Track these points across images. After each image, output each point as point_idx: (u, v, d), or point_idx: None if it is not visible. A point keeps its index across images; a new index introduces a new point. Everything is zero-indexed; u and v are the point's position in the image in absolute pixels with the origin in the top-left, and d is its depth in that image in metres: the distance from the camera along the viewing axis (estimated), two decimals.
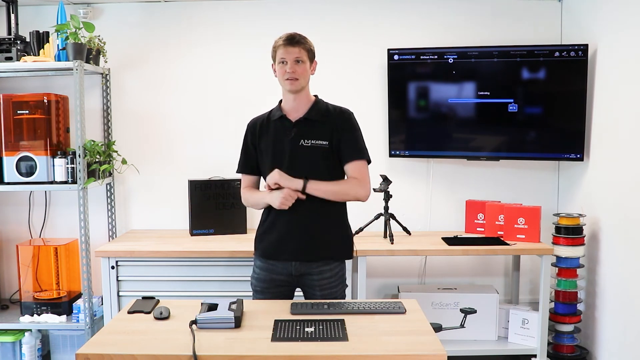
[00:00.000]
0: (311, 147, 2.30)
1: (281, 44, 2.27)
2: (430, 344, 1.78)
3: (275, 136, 2.34)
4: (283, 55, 2.26)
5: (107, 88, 3.54)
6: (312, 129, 2.31)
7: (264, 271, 2.38)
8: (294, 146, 2.30)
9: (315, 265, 2.33)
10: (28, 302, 3.26)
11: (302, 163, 2.29)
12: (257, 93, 3.58)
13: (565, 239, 3.12)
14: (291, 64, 2.25)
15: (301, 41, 2.28)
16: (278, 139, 2.33)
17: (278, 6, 3.53)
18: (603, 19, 3.09)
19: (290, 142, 2.30)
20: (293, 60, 2.25)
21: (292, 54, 2.25)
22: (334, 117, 2.35)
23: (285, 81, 2.28)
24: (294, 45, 2.26)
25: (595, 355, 3.14)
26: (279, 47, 2.28)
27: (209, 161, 3.56)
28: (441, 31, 3.52)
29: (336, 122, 2.34)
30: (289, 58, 2.25)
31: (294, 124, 2.32)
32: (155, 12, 3.55)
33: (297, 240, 2.32)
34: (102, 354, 1.71)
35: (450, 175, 3.62)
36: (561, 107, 3.29)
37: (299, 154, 2.29)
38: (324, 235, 2.35)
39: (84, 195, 3.14)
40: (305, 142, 2.30)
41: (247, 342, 1.79)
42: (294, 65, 2.25)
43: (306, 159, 2.30)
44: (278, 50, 2.28)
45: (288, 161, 2.29)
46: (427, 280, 3.66)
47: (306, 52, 2.28)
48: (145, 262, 3.10)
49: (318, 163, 2.30)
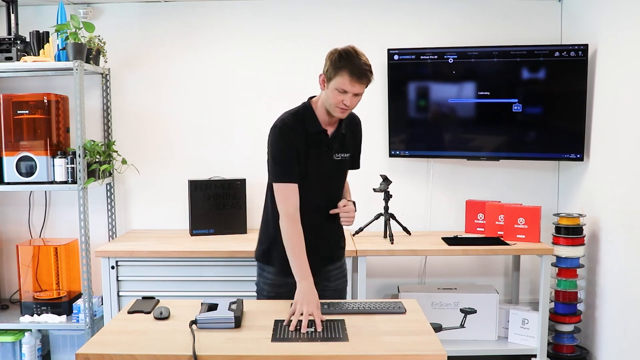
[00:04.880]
0: (341, 160, 2.27)
1: (347, 73, 2.03)
2: (430, 344, 1.78)
3: (313, 150, 2.19)
4: (346, 87, 2.04)
5: (107, 88, 3.54)
6: (342, 142, 2.27)
7: (277, 276, 2.27)
8: (330, 161, 2.24)
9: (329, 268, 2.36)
10: (28, 302, 3.26)
11: (336, 177, 2.29)
12: (257, 93, 3.58)
13: (565, 239, 3.12)
14: (351, 97, 2.07)
15: (369, 75, 2.06)
16: (315, 152, 2.20)
17: (279, 6, 3.53)
18: (603, 19, 3.09)
19: (328, 158, 2.23)
20: (353, 94, 2.07)
21: (356, 89, 2.06)
22: (353, 126, 2.33)
23: (336, 108, 2.10)
24: (362, 82, 2.05)
25: (595, 355, 3.14)
26: (342, 73, 2.04)
27: (209, 161, 3.56)
28: (441, 31, 3.52)
29: (354, 132, 2.34)
30: (351, 91, 2.06)
31: (331, 139, 2.22)
32: (155, 12, 3.55)
33: (321, 259, 2.28)
34: (102, 354, 1.71)
35: (450, 175, 3.62)
36: (561, 107, 3.29)
37: (334, 168, 2.26)
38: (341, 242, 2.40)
39: (84, 195, 3.14)
40: (336, 157, 2.25)
41: (247, 342, 1.79)
42: (353, 99, 2.08)
43: (339, 173, 2.30)
44: (340, 77, 2.04)
45: (326, 176, 2.24)
46: (427, 280, 3.66)
47: (368, 84, 2.10)
48: (145, 262, 3.10)
49: (344, 174, 2.34)
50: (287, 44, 3.55)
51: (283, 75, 3.55)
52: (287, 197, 2.14)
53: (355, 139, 2.35)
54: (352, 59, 2.04)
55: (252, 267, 2.43)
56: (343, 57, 2.05)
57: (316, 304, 1.98)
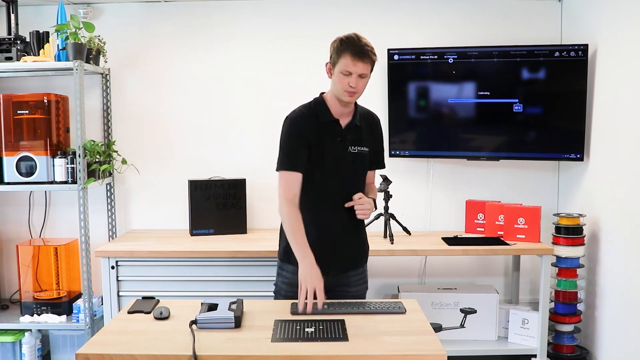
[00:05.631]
0: (358, 153, 2.26)
1: (349, 54, 2.09)
2: (430, 344, 1.78)
3: (326, 140, 2.21)
4: (349, 68, 2.09)
5: (107, 88, 3.54)
6: (359, 135, 2.27)
7: (297, 275, 2.16)
8: (345, 153, 2.24)
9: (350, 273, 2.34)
10: (28, 302, 3.26)
11: (353, 170, 2.27)
12: (258, 93, 3.58)
13: (565, 239, 3.12)
14: (356, 78, 2.11)
15: (370, 55, 2.11)
16: (329, 143, 2.21)
17: (279, 6, 3.53)
18: (603, 19, 3.08)
19: (342, 149, 2.23)
20: (358, 75, 2.11)
21: (358, 69, 2.10)
22: (371, 122, 2.34)
23: (344, 92, 2.13)
24: (364, 61, 2.09)
25: (595, 355, 3.14)
26: (344, 54, 2.10)
27: (209, 161, 3.57)
28: (441, 31, 3.52)
29: (372, 128, 2.34)
30: (354, 72, 2.10)
31: (344, 130, 2.23)
32: (155, 12, 3.55)
33: (341, 255, 2.28)
34: (102, 354, 1.71)
35: (450, 175, 3.62)
36: (561, 107, 3.29)
37: (350, 160, 2.25)
38: (362, 242, 2.39)
39: (84, 195, 3.14)
40: (353, 149, 2.25)
41: (247, 342, 1.79)
42: (358, 80, 2.11)
43: (356, 166, 2.27)
44: (343, 58, 2.10)
45: (342, 169, 2.24)
46: (427, 280, 3.66)
47: (372, 65, 2.14)
48: (145, 262, 3.10)
49: (363, 169, 2.32)
50: (287, 44, 3.55)
51: (283, 75, 3.55)
52: (288, 185, 2.17)
53: (374, 135, 2.35)
54: (353, 41, 2.11)
55: (252, 267, 2.44)
56: (344, 41, 2.12)
57: (319, 279, 2.04)
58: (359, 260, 2.38)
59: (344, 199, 2.24)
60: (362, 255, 2.40)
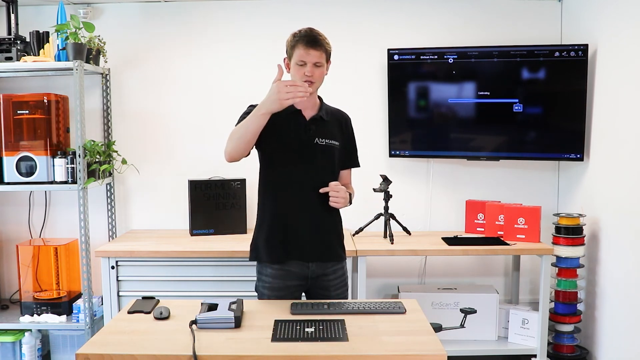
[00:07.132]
0: (326, 145, 2.27)
1: (302, 44, 2.15)
2: (430, 344, 1.78)
3: (289, 130, 2.23)
4: (302, 57, 2.15)
5: (107, 88, 3.54)
6: (326, 128, 2.28)
7: (276, 279, 2.25)
8: (310, 144, 2.25)
9: (331, 264, 2.31)
10: (28, 302, 3.26)
11: (319, 161, 2.27)
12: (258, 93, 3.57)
13: (565, 239, 3.12)
14: (310, 67, 2.16)
15: (322, 43, 2.17)
16: (292, 133, 2.24)
17: (279, 6, 3.53)
18: (603, 19, 3.09)
19: (307, 140, 2.24)
20: (312, 64, 2.16)
21: (312, 58, 2.15)
22: (340, 118, 2.36)
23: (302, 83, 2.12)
24: (315, 49, 2.15)
25: (595, 355, 3.14)
26: (298, 46, 2.16)
27: (209, 161, 3.55)
28: (441, 31, 3.52)
29: (342, 124, 2.36)
30: (308, 61, 2.15)
31: (309, 122, 2.26)
32: (155, 12, 3.55)
33: (312, 239, 2.26)
34: (102, 354, 1.71)
35: (450, 175, 3.62)
36: (561, 107, 3.30)
37: (317, 152, 2.26)
38: (336, 233, 2.36)
39: (84, 195, 3.14)
40: (320, 141, 2.26)
41: (247, 342, 1.79)
42: (313, 69, 2.16)
43: (323, 158, 2.27)
44: (297, 49, 2.16)
45: (307, 159, 2.24)
46: (427, 280, 3.66)
47: (325, 54, 2.19)
48: (145, 262, 3.10)
49: (332, 162, 2.31)
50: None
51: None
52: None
53: (345, 130, 2.36)
54: (305, 32, 2.18)
55: (252, 267, 2.43)
56: (297, 34, 2.20)
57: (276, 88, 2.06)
58: (336, 249, 2.33)
59: (313, 188, 2.23)
60: (339, 244, 2.36)
